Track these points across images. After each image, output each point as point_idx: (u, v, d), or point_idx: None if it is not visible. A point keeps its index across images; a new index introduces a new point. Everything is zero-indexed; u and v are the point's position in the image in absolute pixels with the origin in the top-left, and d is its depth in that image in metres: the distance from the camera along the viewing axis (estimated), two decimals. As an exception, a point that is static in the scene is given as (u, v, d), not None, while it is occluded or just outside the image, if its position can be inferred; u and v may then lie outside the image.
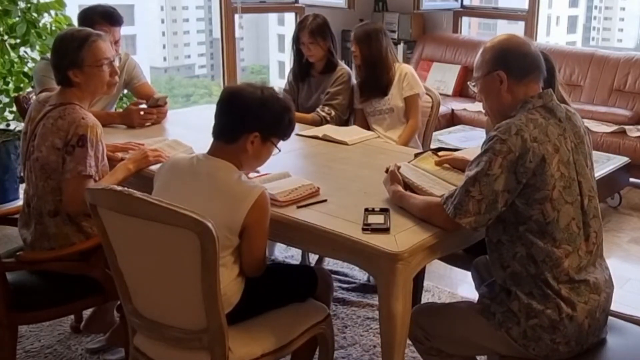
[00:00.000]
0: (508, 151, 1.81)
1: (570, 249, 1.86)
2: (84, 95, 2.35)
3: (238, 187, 1.91)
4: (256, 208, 1.87)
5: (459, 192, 1.87)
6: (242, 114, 1.97)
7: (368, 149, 2.90)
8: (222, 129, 1.99)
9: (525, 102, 1.92)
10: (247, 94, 1.98)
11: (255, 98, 1.97)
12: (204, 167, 1.96)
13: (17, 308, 2.22)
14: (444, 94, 5.58)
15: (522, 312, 1.86)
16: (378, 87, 3.37)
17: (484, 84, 2.00)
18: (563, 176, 1.85)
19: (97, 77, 2.34)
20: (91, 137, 2.23)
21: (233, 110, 1.98)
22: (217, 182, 1.92)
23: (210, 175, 1.94)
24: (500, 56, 1.95)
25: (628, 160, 4.31)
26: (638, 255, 3.82)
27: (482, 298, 1.99)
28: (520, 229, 1.87)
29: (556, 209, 1.84)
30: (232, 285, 1.95)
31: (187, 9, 12.49)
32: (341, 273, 3.45)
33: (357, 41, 3.35)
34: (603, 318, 1.94)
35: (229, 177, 1.93)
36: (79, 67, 2.29)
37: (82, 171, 2.22)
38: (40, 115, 2.30)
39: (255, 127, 1.97)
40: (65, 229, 2.30)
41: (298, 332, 2.04)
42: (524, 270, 1.87)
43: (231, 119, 1.98)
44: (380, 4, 6.51)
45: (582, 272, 1.88)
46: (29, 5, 4.21)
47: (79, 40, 2.31)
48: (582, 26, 13.36)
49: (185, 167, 1.99)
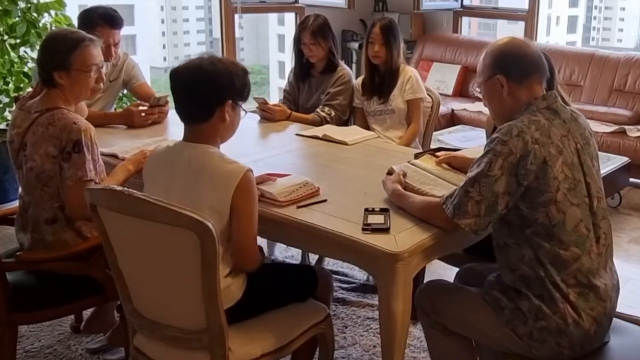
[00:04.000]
0: (509, 153, 1.81)
1: (579, 251, 1.85)
2: (68, 99, 2.30)
3: (221, 168, 1.91)
4: (241, 187, 1.88)
5: (459, 192, 1.87)
6: (213, 88, 1.96)
7: (368, 149, 2.90)
8: (193, 110, 1.98)
9: (529, 105, 1.91)
10: (208, 67, 1.96)
11: (219, 69, 1.96)
12: (184, 156, 1.96)
13: (17, 308, 2.21)
14: (444, 94, 5.58)
15: (532, 312, 1.85)
16: (382, 87, 3.37)
17: (486, 89, 2.00)
18: (567, 178, 1.84)
19: (83, 82, 2.30)
20: (86, 141, 2.21)
21: (203, 87, 1.96)
22: (200, 168, 1.92)
23: (192, 163, 1.93)
24: (499, 60, 1.95)
25: (628, 160, 4.31)
26: (638, 255, 3.82)
27: (491, 289, 1.97)
28: (526, 232, 1.86)
29: (562, 211, 1.83)
30: (236, 279, 1.95)
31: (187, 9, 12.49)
32: (341, 273, 3.45)
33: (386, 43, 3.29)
34: (607, 323, 1.94)
35: (210, 160, 1.93)
36: (66, 69, 2.25)
37: (84, 177, 2.20)
38: (28, 123, 2.25)
39: (227, 96, 1.98)
40: (64, 235, 2.28)
41: (298, 332, 2.03)
42: (533, 272, 1.86)
43: (202, 97, 1.96)
44: (380, 4, 6.51)
45: (594, 276, 1.87)
46: (29, 5, 4.21)
47: (71, 43, 2.26)
48: (582, 26, 13.38)
49: (167, 159, 2.00)
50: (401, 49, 3.36)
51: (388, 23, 3.34)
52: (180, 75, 1.99)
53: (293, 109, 3.45)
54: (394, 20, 3.42)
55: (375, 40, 3.30)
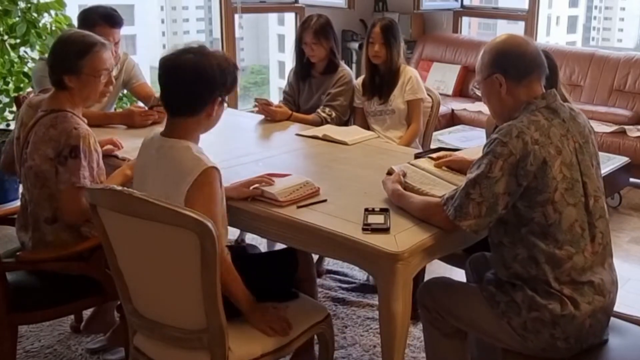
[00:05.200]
0: (509, 154, 1.81)
1: (574, 250, 1.86)
2: (76, 101, 2.31)
3: (188, 162, 1.88)
4: (196, 185, 1.83)
5: (459, 194, 1.87)
6: (205, 84, 1.94)
7: (368, 149, 2.90)
8: (181, 104, 1.95)
9: (529, 104, 1.91)
10: (202, 61, 1.92)
11: (213, 67, 1.93)
12: (161, 151, 1.95)
13: (17, 308, 2.22)
14: (444, 94, 5.58)
15: (525, 303, 1.86)
16: (383, 88, 3.36)
17: (485, 87, 1.99)
18: (565, 178, 1.85)
19: (93, 85, 2.30)
20: (84, 147, 2.20)
21: (195, 82, 1.92)
22: (170, 162, 1.91)
23: (165, 157, 1.93)
24: (497, 59, 1.94)
25: (628, 160, 4.31)
26: (638, 255, 3.82)
27: (488, 285, 1.99)
28: (522, 230, 1.87)
29: (558, 211, 1.84)
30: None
31: (187, 9, 12.48)
32: (341, 273, 3.45)
33: (386, 43, 3.29)
34: (605, 319, 1.94)
35: (181, 154, 1.91)
36: (76, 73, 2.26)
37: (76, 183, 2.19)
38: (33, 121, 2.27)
39: (219, 92, 1.97)
40: (64, 235, 2.28)
41: (298, 331, 2.03)
42: (525, 271, 1.88)
43: (193, 92, 1.93)
44: (380, 4, 6.52)
45: (587, 272, 1.87)
46: (29, 5, 4.21)
47: (83, 47, 2.27)
48: (582, 26, 13.37)
49: (148, 154, 2.01)
50: (401, 49, 3.36)
51: (388, 23, 3.34)
52: (170, 67, 1.94)
53: (293, 110, 3.45)
54: (394, 20, 3.42)
55: (376, 40, 3.30)
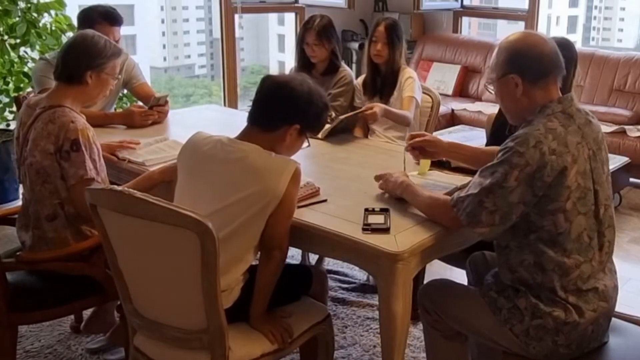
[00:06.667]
0: (525, 164, 1.75)
1: (582, 259, 1.83)
2: (80, 98, 2.34)
3: (273, 162, 1.92)
4: (294, 179, 1.90)
5: (472, 200, 1.83)
6: (288, 106, 1.99)
7: (368, 148, 2.90)
8: (262, 117, 2.00)
9: (544, 107, 1.84)
10: (295, 86, 1.99)
11: (303, 93, 1.99)
12: (232, 152, 1.95)
13: (17, 308, 2.21)
14: (444, 94, 5.58)
15: (528, 310, 1.85)
16: (384, 88, 3.36)
17: (499, 86, 1.92)
18: (579, 187, 1.80)
19: (105, 87, 2.38)
20: (83, 140, 2.22)
21: (280, 101, 1.99)
22: (249, 165, 1.92)
23: (240, 160, 1.93)
24: (514, 59, 1.86)
25: (628, 160, 4.31)
26: (638, 255, 3.82)
27: (489, 290, 1.97)
28: (530, 237, 1.84)
29: (569, 220, 1.80)
30: (240, 280, 1.95)
31: (187, 9, 12.47)
32: (341, 273, 3.45)
33: (389, 43, 3.28)
34: (606, 323, 1.93)
35: (260, 157, 1.93)
36: (99, 72, 2.32)
37: (84, 175, 2.21)
38: (31, 119, 2.28)
39: (298, 120, 1.99)
40: (64, 232, 2.29)
41: (298, 332, 2.03)
42: (531, 277, 1.86)
43: (276, 109, 2.00)
44: (380, 4, 6.52)
45: (591, 280, 1.86)
46: (29, 5, 4.21)
47: (113, 51, 2.36)
48: (582, 26, 13.35)
49: (210, 153, 1.99)
50: (403, 50, 3.36)
51: (392, 23, 3.34)
52: (269, 80, 2.04)
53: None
54: (398, 21, 3.42)
55: (379, 39, 3.30)
